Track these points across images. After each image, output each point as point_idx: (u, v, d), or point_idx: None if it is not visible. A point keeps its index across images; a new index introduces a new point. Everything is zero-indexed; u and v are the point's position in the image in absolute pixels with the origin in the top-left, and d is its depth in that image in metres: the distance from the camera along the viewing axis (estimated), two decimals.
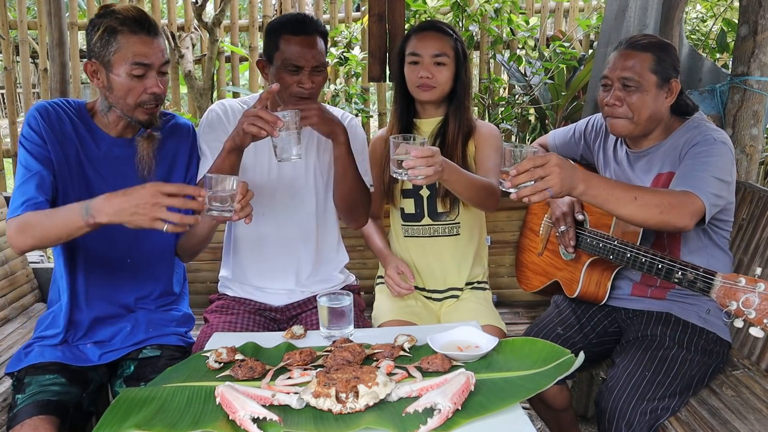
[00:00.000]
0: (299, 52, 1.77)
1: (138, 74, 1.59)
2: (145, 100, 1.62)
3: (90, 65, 1.64)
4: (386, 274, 2.00)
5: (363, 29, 3.99)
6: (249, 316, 1.92)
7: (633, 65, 1.78)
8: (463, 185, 1.75)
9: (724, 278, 1.47)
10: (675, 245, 1.87)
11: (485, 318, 1.93)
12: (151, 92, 1.62)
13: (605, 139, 2.06)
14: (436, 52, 1.93)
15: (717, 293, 1.48)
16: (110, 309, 1.75)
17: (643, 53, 1.79)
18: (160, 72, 1.64)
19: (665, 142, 1.86)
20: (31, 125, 1.64)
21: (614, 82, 1.81)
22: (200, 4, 4.03)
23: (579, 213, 2.00)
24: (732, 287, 1.44)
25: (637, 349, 1.78)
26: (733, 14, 3.96)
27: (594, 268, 1.96)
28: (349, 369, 1.31)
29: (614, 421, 1.62)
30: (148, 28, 1.60)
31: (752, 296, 1.39)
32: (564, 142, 2.22)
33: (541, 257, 2.29)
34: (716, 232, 1.86)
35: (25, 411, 1.47)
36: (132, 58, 1.58)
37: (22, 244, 1.53)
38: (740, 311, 1.41)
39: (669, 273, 1.64)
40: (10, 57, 4.29)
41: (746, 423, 1.59)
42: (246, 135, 1.61)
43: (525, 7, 4.13)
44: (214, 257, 2.50)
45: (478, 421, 1.18)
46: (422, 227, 2.06)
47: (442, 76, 1.94)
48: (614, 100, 1.80)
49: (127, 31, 1.58)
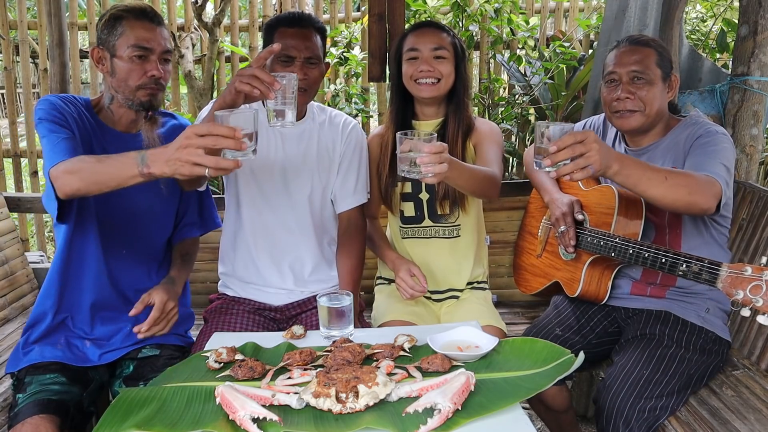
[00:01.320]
0: (292, 42, 1.78)
1: (139, 55, 1.65)
2: (145, 82, 1.67)
3: (96, 51, 1.71)
4: (398, 277, 1.92)
5: (363, 29, 3.99)
6: (248, 316, 1.92)
7: (641, 59, 1.82)
8: (466, 179, 1.71)
9: (730, 268, 1.48)
10: (676, 242, 1.87)
11: (485, 318, 1.93)
12: (151, 75, 1.67)
13: (602, 139, 2.07)
14: (435, 46, 1.90)
15: (723, 282, 1.49)
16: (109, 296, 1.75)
17: (646, 48, 1.84)
18: (162, 59, 1.69)
19: (664, 139, 1.89)
20: (51, 102, 1.65)
21: (623, 76, 1.83)
22: (200, 4, 4.03)
23: (579, 213, 2.00)
24: (738, 276, 1.46)
25: (635, 348, 1.78)
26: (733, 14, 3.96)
27: (595, 267, 1.96)
28: (349, 369, 1.31)
29: (612, 420, 1.62)
30: (152, 17, 1.68)
31: (759, 284, 1.41)
32: None
33: (540, 259, 2.29)
34: (716, 229, 1.87)
35: (26, 410, 1.48)
36: (134, 41, 1.65)
37: (68, 187, 1.47)
38: (747, 300, 1.43)
39: (673, 266, 1.64)
40: (10, 57, 4.29)
41: (746, 423, 1.59)
42: (238, 94, 1.51)
43: (525, 7, 4.13)
44: (214, 257, 2.49)
45: (478, 421, 1.18)
46: (422, 229, 2.04)
47: (443, 68, 1.90)
48: (626, 94, 1.82)
49: (131, 17, 1.66)
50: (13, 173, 4.26)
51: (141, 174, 1.36)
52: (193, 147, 1.28)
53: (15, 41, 4.34)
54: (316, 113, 1.98)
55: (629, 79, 1.82)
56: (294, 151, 1.91)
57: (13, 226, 2.62)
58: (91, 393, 1.66)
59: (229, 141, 1.27)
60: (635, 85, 1.82)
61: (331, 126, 1.98)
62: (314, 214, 1.96)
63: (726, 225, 1.90)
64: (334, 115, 2.01)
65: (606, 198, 1.95)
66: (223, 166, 1.29)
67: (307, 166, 1.93)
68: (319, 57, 1.84)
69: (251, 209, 1.93)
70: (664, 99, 1.85)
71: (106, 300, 1.75)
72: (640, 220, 1.87)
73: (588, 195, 2.05)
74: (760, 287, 1.41)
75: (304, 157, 1.92)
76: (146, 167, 1.35)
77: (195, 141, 1.28)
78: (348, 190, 1.98)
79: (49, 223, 4.55)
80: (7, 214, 2.63)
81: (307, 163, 1.93)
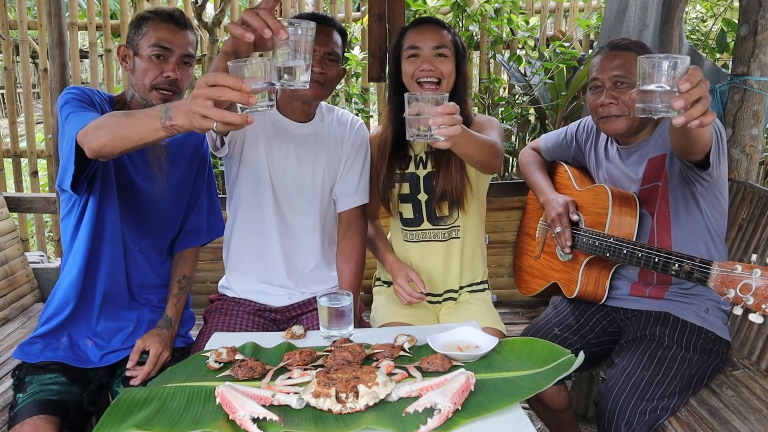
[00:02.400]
0: (320, 39, 1.71)
1: (157, 55, 1.67)
2: (160, 82, 1.68)
3: (122, 49, 1.75)
4: (396, 283, 1.91)
5: (363, 29, 3.99)
6: (248, 317, 1.92)
7: (622, 63, 1.84)
8: (473, 146, 1.64)
9: (720, 266, 1.49)
10: (665, 229, 1.88)
11: (484, 320, 1.91)
12: (167, 75, 1.68)
13: (596, 139, 2.10)
14: (437, 44, 1.85)
15: (714, 281, 1.50)
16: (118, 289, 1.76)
17: (627, 53, 1.85)
18: (183, 62, 1.71)
19: (653, 135, 1.91)
20: (77, 90, 1.65)
21: (606, 82, 1.86)
22: (200, 4, 4.03)
23: (574, 213, 2.00)
24: (729, 275, 1.46)
25: (636, 349, 1.78)
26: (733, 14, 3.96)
27: (592, 267, 1.97)
28: (349, 369, 1.31)
29: (614, 422, 1.62)
30: (177, 20, 1.70)
31: (749, 282, 1.42)
32: (556, 145, 2.26)
33: (538, 260, 2.29)
34: (710, 219, 1.87)
35: (26, 410, 1.48)
36: (155, 41, 1.67)
37: (95, 142, 1.39)
38: (738, 298, 1.43)
39: (666, 266, 1.66)
40: (10, 57, 4.29)
41: (746, 423, 1.59)
42: (235, 41, 1.34)
43: (525, 7, 4.13)
44: (214, 257, 2.50)
45: (478, 421, 1.17)
46: (422, 232, 2.03)
47: (445, 67, 1.85)
48: (609, 99, 1.84)
49: (157, 19, 1.69)
50: (13, 173, 4.27)
51: (164, 127, 1.27)
52: (203, 98, 1.18)
53: (15, 41, 4.35)
54: (324, 113, 1.98)
55: (612, 84, 1.85)
56: (304, 153, 1.91)
57: (13, 226, 2.62)
58: (91, 393, 1.67)
59: (234, 93, 1.16)
60: (618, 89, 1.84)
61: (340, 125, 1.99)
62: (321, 215, 1.96)
63: (722, 213, 1.90)
64: (341, 114, 2.02)
65: (599, 198, 1.96)
66: (227, 119, 1.17)
67: (318, 167, 1.93)
68: (338, 56, 1.84)
69: (255, 210, 1.92)
70: None
71: (115, 293, 1.76)
72: (634, 218, 1.88)
73: (582, 195, 2.05)
74: (749, 286, 1.42)
75: (315, 158, 1.92)
76: (169, 119, 1.25)
77: (203, 91, 1.18)
78: (350, 190, 1.98)
79: (49, 223, 4.55)
80: (7, 214, 2.63)
81: (317, 164, 1.92)
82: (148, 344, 1.71)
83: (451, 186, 1.92)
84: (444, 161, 1.93)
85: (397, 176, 2.00)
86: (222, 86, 1.16)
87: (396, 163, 1.99)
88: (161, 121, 1.26)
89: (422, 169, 1.99)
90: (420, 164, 2.00)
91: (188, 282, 1.91)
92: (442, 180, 1.93)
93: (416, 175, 1.99)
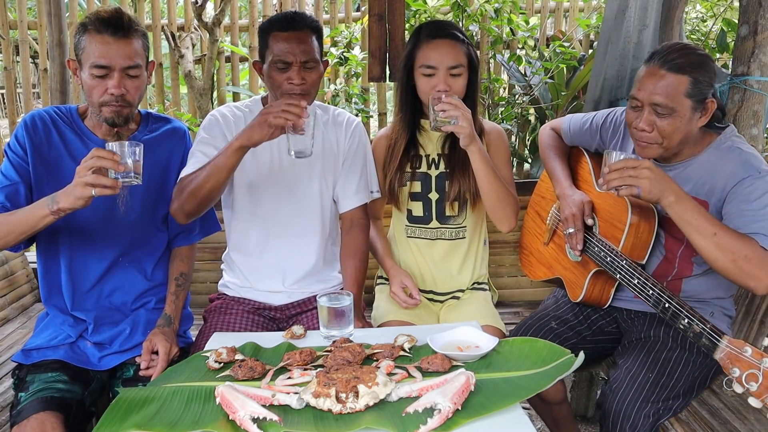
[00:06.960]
0: (287, 47, 1.74)
1: (99, 75, 1.62)
2: (107, 100, 1.64)
3: (71, 63, 1.70)
4: (391, 291, 1.97)
5: (363, 29, 3.99)
6: (248, 315, 1.92)
7: (667, 90, 1.61)
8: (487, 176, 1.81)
9: (730, 343, 1.41)
10: (686, 264, 1.80)
11: (484, 319, 1.92)
12: (111, 93, 1.63)
13: (623, 139, 1.94)
14: (453, 64, 1.83)
15: (721, 355, 1.43)
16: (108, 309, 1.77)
17: (678, 75, 1.61)
18: (128, 75, 1.64)
19: (695, 160, 1.74)
20: (17, 136, 1.70)
21: (645, 105, 1.65)
22: (200, 4, 4.03)
23: (589, 217, 1.91)
24: (738, 355, 1.39)
25: (639, 351, 1.77)
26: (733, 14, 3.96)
27: (599, 277, 1.90)
28: (349, 369, 1.31)
29: (618, 423, 1.61)
30: (114, 29, 1.60)
31: (756, 372, 1.34)
32: (578, 131, 2.10)
33: (546, 247, 2.21)
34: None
35: (30, 407, 1.48)
36: (93, 60, 1.61)
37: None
38: (742, 383, 1.36)
39: (675, 316, 1.56)
40: (10, 57, 4.30)
41: (746, 423, 1.59)
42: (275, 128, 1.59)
43: (525, 7, 4.13)
44: (214, 257, 2.50)
45: (478, 421, 1.18)
46: (429, 230, 2.04)
47: (458, 86, 1.86)
48: (645, 125, 1.65)
49: (93, 30, 1.61)
50: None
51: (51, 212, 1.48)
52: (84, 169, 1.43)
53: (15, 41, 4.35)
54: (318, 113, 1.97)
55: (651, 110, 1.64)
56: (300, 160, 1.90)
57: None
58: (93, 393, 1.66)
59: (108, 162, 1.43)
60: (657, 116, 1.64)
61: (335, 124, 1.98)
62: (322, 214, 1.96)
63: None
64: (337, 114, 2.01)
65: (618, 208, 1.84)
66: (101, 182, 1.43)
67: (314, 167, 1.93)
68: (317, 59, 1.81)
69: (257, 210, 1.92)
70: (691, 127, 1.66)
71: (105, 314, 1.77)
72: (650, 234, 1.79)
73: (601, 197, 1.94)
74: (756, 376, 1.33)
75: (311, 165, 1.91)
76: (55, 204, 1.47)
77: (84, 165, 1.44)
78: (351, 189, 1.98)
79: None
80: None
81: (313, 164, 1.92)
82: (155, 344, 1.71)
83: (466, 187, 1.96)
84: (459, 163, 1.96)
85: (408, 175, 2.02)
86: (97, 157, 1.43)
87: (407, 162, 2.02)
88: (48, 208, 1.49)
89: (434, 170, 2.02)
90: (432, 165, 2.02)
91: (186, 279, 1.89)
92: (458, 181, 1.96)
93: (428, 174, 2.02)
